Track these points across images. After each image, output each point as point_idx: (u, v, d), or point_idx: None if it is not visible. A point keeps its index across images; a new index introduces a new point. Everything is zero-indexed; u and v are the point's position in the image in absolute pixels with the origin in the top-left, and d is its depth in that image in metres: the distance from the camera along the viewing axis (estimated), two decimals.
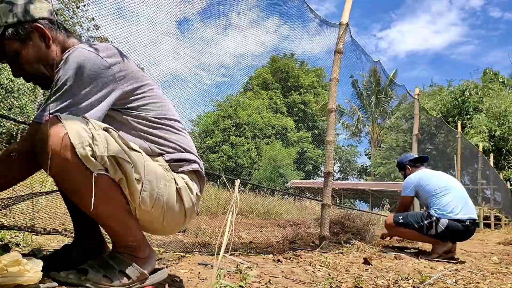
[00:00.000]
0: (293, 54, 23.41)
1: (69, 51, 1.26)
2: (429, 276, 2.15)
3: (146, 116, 1.36)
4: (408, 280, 2.05)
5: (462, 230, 3.51)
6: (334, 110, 3.68)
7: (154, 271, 1.38)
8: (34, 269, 1.08)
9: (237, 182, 1.20)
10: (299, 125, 30.43)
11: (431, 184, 3.74)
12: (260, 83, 29.81)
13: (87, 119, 1.16)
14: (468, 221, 3.52)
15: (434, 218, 3.54)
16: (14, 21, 1.28)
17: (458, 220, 3.49)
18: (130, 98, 1.33)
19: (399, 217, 3.74)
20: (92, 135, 1.13)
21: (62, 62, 1.24)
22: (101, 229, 1.50)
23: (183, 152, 1.43)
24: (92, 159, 1.12)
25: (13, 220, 2.35)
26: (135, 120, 1.34)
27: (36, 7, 1.32)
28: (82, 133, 1.12)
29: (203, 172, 1.51)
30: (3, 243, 2.03)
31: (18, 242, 2.13)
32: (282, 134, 27.19)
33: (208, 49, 3.55)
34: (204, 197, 7.40)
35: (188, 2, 3.00)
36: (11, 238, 2.27)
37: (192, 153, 1.47)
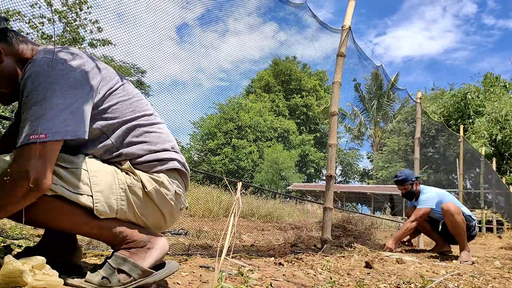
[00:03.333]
0: (295, 57, 23.50)
1: (30, 62, 1.20)
2: (431, 280, 2.14)
3: (117, 119, 1.32)
4: (410, 284, 2.04)
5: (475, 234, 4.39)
6: (336, 113, 3.68)
7: (164, 264, 1.36)
8: (56, 275, 1.10)
9: (239, 184, 1.20)
10: (301, 128, 30.43)
11: (446, 198, 4.32)
12: (262, 86, 29.85)
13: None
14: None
15: (474, 222, 4.30)
16: None
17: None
18: (100, 99, 1.28)
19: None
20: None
21: (24, 78, 1.17)
22: None
23: (157, 151, 1.38)
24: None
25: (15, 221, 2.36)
26: (106, 124, 1.30)
27: None
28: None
29: (185, 168, 1.47)
30: (5, 244, 2.03)
31: (20, 244, 2.13)
32: (284, 137, 27.19)
33: (211, 53, 3.56)
34: (205, 200, 7.40)
35: (188, 9, 3.01)
36: (13, 239, 2.27)
37: (169, 150, 1.42)
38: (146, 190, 1.32)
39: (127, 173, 1.31)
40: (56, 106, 1.14)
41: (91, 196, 1.22)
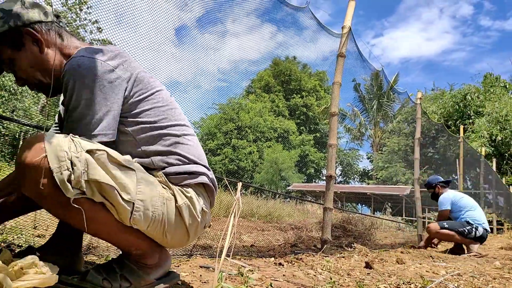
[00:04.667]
0: (295, 57, 23.48)
1: (69, 60, 1.22)
2: (431, 280, 2.15)
3: (149, 124, 1.30)
4: (410, 284, 2.04)
5: (485, 237, 4.83)
6: (336, 113, 3.68)
7: (167, 274, 1.35)
8: (49, 272, 1.08)
9: (239, 184, 1.19)
10: (301, 128, 30.42)
11: (463, 202, 5.03)
12: (262, 86, 29.85)
13: (72, 140, 1.11)
14: (487, 231, 4.90)
15: (474, 225, 4.77)
16: (5, 29, 1.23)
17: (485, 230, 4.84)
18: (135, 102, 1.28)
19: (444, 224, 4.88)
20: (71, 158, 1.08)
21: (63, 76, 1.20)
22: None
23: (188, 163, 1.33)
24: (68, 184, 1.07)
25: (15, 222, 2.36)
26: (137, 129, 1.29)
27: (29, 11, 1.26)
28: (61, 157, 1.07)
29: (213, 184, 1.41)
30: (6, 244, 2.04)
31: (21, 244, 2.13)
32: (284, 137, 27.19)
33: (211, 54, 3.56)
34: None
35: (187, 10, 3.01)
36: (13, 239, 2.27)
37: (199, 164, 1.37)
38: (177, 204, 1.26)
39: (163, 187, 1.27)
40: (93, 108, 1.18)
41: (133, 203, 1.16)
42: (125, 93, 1.25)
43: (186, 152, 1.34)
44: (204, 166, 1.40)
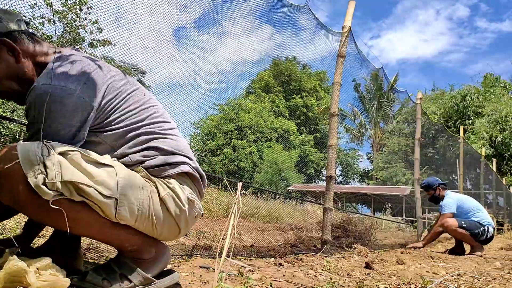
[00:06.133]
0: (295, 57, 23.49)
1: (31, 90, 1.20)
2: (431, 281, 2.14)
3: (122, 129, 1.29)
4: (410, 284, 2.04)
5: (492, 236, 4.82)
6: (336, 114, 3.68)
7: (166, 272, 1.35)
8: (62, 274, 1.10)
9: (239, 185, 1.19)
10: (301, 128, 30.42)
11: (468, 204, 4.97)
12: (262, 87, 29.85)
13: (44, 144, 1.12)
14: (494, 229, 5.03)
15: (486, 227, 4.74)
16: None
17: (493, 229, 4.85)
18: (105, 112, 1.27)
19: (462, 223, 4.79)
20: (44, 161, 1.08)
21: (27, 104, 1.21)
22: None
23: (166, 155, 1.33)
24: (43, 187, 1.07)
25: (15, 222, 2.36)
26: (110, 135, 1.28)
27: (2, 20, 1.24)
28: (34, 161, 1.08)
29: (198, 173, 1.42)
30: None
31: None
32: (284, 137, 27.18)
33: (210, 54, 3.57)
34: (205, 200, 7.40)
35: (186, 11, 3.01)
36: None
37: (178, 154, 1.37)
38: (160, 196, 1.27)
39: (145, 180, 1.27)
40: (56, 127, 1.19)
41: (116, 199, 1.16)
42: (89, 111, 1.23)
43: (163, 145, 1.34)
44: (184, 155, 1.39)
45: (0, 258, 1.13)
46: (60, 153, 1.12)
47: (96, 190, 1.13)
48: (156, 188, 1.27)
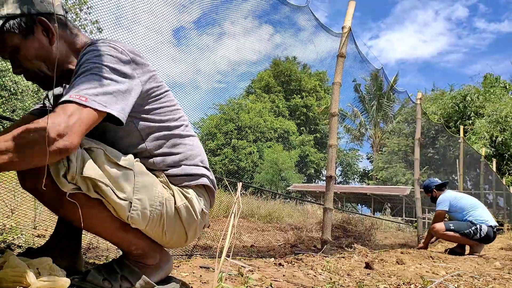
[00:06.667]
0: (295, 58, 23.48)
1: (88, 45, 1.20)
2: (431, 281, 2.14)
3: (157, 123, 1.29)
4: (410, 285, 2.04)
5: (492, 234, 4.70)
6: (336, 114, 3.68)
7: (167, 279, 1.35)
8: (61, 274, 1.10)
9: (239, 185, 1.19)
10: (301, 128, 30.42)
11: (463, 201, 4.94)
12: (262, 87, 29.85)
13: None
14: (495, 227, 4.76)
15: (478, 225, 4.67)
16: (16, 13, 1.16)
17: (490, 227, 4.70)
18: (146, 98, 1.26)
19: (450, 225, 4.80)
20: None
21: (82, 54, 1.17)
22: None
23: (189, 165, 1.34)
24: (63, 179, 1.07)
25: (15, 222, 2.36)
26: (145, 127, 1.27)
27: (44, 1, 1.21)
28: None
29: (214, 186, 1.42)
30: (6, 244, 2.03)
31: (20, 244, 2.13)
32: (284, 137, 27.19)
33: (210, 55, 3.57)
34: None
35: (186, 12, 3.01)
36: (13, 240, 2.27)
37: (200, 166, 1.38)
38: (176, 205, 1.27)
39: (164, 187, 1.27)
40: (106, 80, 1.11)
41: (130, 202, 1.16)
42: (140, 87, 1.22)
43: (188, 154, 1.35)
44: (205, 167, 1.40)
45: (0, 258, 1.13)
46: (84, 148, 1.12)
47: (112, 191, 1.13)
48: (174, 196, 1.27)
